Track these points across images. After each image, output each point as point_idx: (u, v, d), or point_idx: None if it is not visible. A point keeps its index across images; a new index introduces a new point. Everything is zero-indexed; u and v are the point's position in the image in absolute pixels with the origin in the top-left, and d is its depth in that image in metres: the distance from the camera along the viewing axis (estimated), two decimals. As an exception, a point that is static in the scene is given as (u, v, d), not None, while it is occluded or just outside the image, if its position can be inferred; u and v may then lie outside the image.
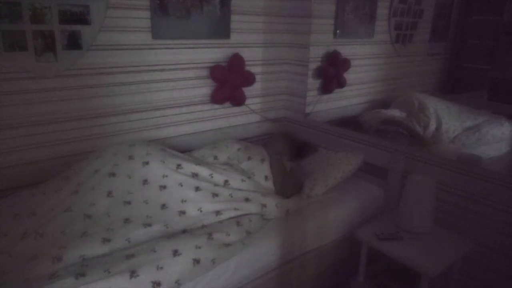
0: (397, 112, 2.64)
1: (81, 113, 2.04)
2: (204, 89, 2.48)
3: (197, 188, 1.88)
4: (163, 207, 1.77)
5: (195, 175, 1.94)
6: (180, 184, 1.87)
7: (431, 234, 1.91)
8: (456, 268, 1.93)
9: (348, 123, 2.69)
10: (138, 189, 1.81)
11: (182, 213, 1.77)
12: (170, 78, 2.31)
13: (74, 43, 1.92)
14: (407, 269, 1.78)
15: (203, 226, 1.76)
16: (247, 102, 2.69)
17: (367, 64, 2.85)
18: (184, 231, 1.71)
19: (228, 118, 2.67)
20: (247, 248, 1.71)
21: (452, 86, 2.50)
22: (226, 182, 1.98)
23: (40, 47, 1.83)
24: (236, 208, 1.87)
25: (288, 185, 2.13)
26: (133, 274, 1.40)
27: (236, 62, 2.48)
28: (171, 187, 1.85)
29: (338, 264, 2.15)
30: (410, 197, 1.90)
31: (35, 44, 1.82)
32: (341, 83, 2.84)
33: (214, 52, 2.45)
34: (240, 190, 1.98)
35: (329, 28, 2.75)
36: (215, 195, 1.89)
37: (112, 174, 1.83)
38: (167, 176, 1.87)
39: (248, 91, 2.66)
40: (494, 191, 1.89)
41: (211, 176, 1.97)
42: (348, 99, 2.91)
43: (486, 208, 1.93)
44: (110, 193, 1.77)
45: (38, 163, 1.97)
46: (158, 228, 1.66)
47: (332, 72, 2.80)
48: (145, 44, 2.15)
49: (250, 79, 2.59)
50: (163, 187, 1.84)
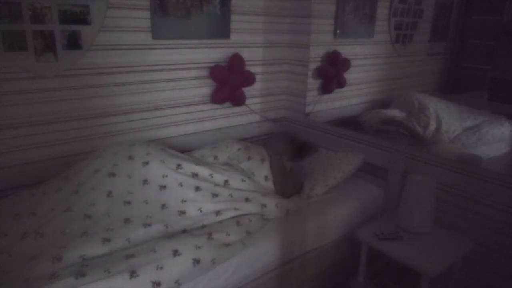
0: (397, 112, 2.64)
1: (81, 113, 2.04)
2: (204, 89, 2.48)
3: (197, 188, 1.88)
4: (163, 207, 1.77)
5: (195, 175, 1.94)
6: (180, 184, 1.87)
7: (431, 234, 1.91)
8: (456, 268, 1.93)
9: (348, 123, 2.69)
10: (138, 189, 1.81)
11: (182, 213, 1.77)
12: (170, 78, 2.31)
13: (74, 43, 1.92)
14: (407, 269, 1.78)
15: (203, 226, 1.76)
16: (247, 102, 2.69)
17: (367, 64, 2.85)
18: (184, 231, 1.71)
19: (228, 118, 2.67)
20: (247, 248, 1.71)
21: (452, 86, 2.50)
22: (226, 182, 1.98)
23: (40, 47, 1.83)
24: (236, 208, 1.87)
25: (288, 185, 2.13)
26: (133, 274, 1.40)
27: (236, 62, 2.48)
28: (171, 187, 1.85)
29: (338, 264, 2.15)
30: (410, 197, 1.90)
31: (35, 44, 1.82)
32: (341, 83, 2.84)
33: (214, 52, 2.45)
34: (240, 190, 1.98)
35: (329, 28, 2.75)
36: (215, 195, 1.89)
37: (112, 174, 1.83)
38: (167, 176, 1.87)
39: (248, 91, 2.66)
40: (494, 191, 1.89)
41: (211, 176, 1.97)
42: (348, 99, 2.91)
43: (486, 208, 1.93)
44: (110, 193, 1.77)
45: (38, 163, 1.97)
46: (158, 228, 1.66)
47: (332, 72, 2.80)
48: (145, 44, 2.15)
49: (250, 79, 2.59)
50: (163, 187, 1.84)
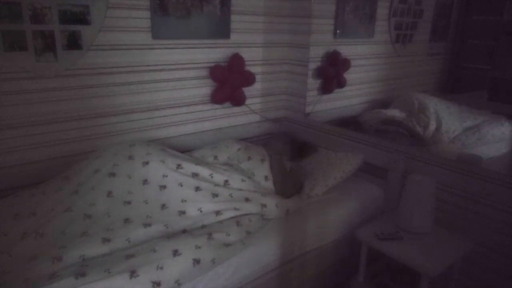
0: (397, 112, 2.64)
1: (81, 113, 2.04)
2: (204, 89, 2.48)
3: (197, 188, 1.88)
4: (163, 207, 1.77)
5: (195, 175, 1.94)
6: (180, 184, 1.87)
7: (431, 234, 1.91)
8: (456, 268, 1.93)
9: (348, 123, 2.69)
10: (138, 189, 1.81)
11: (182, 213, 1.77)
12: (170, 78, 2.31)
13: (74, 43, 1.92)
14: (407, 269, 1.78)
15: (203, 226, 1.76)
16: (247, 102, 2.69)
17: (367, 64, 2.85)
18: (184, 231, 1.71)
19: (228, 118, 2.67)
20: (247, 248, 1.70)
21: (452, 86, 2.50)
22: (226, 182, 1.98)
23: (40, 47, 1.83)
24: (236, 208, 1.87)
25: (288, 185, 2.13)
26: (133, 274, 1.40)
27: (236, 62, 2.48)
28: (171, 187, 1.85)
29: (338, 264, 2.15)
30: (410, 197, 1.90)
31: (35, 44, 1.82)
32: (341, 83, 2.84)
33: (214, 52, 2.45)
34: (240, 190, 1.98)
35: (329, 28, 2.75)
36: (215, 195, 1.89)
37: (112, 174, 1.83)
38: (167, 176, 1.87)
39: (248, 91, 2.66)
40: (494, 191, 1.89)
41: (211, 176, 1.97)
42: (348, 99, 2.91)
43: (486, 208, 1.93)
44: (110, 193, 1.77)
45: (38, 163, 1.97)
46: (158, 228, 1.66)
47: (332, 72, 2.80)
48: (145, 44, 2.15)
49: (250, 79, 2.59)
50: (163, 187, 1.84)
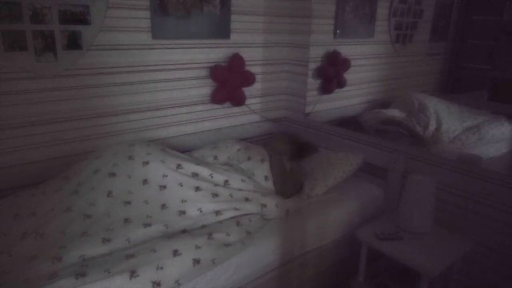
0: (397, 112, 2.64)
1: (81, 113, 2.04)
2: (204, 89, 2.48)
3: (197, 188, 1.88)
4: (163, 207, 1.77)
5: (195, 175, 1.94)
6: (180, 184, 1.87)
7: (431, 234, 1.91)
8: (456, 268, 1.93)
9: (348, 123, 2.69)
10: (138, 189, 1.81)
11: (182, 213, 1.77)
12: (170, 78, 2.31)
13: (74, 43, 1.92)
14: (407, 269, 1.78)
15: (203, 226, 1.76)
16: (247, 102, 2.69)
17: (367, 64, 2.85)
18: (184, 231, 1.71)
19: (228, 118, 2.67)
20: (247, 248, 1.70)
21: (452, 86, 2.50)
22: (226, 182, 1.98)
23: (40, 47, 1.83)
24: (236, 208, 1.87)
25: (288, 185, 2.13)
26: (133, 274, 1.40)
27: (236, 62, 2.48)
28: (171, 187, 1.85)
29: (338, 264, 2.15)
30: (410, 197, 1.90)
31: (35, 44, 1.82)
32: (341, 83, 2.84)
33: (214, 52, 2.45)
34: (240, 190, 1.98)
35: (329, 28, 2.75)
36: (215, 195, 1.89)
37: (112, 174, 1.83)
38: (167, 176, 1.87)
39: (248, 91, 2.66)
40: (494, 191, 1.89)
41: (211, 176, 1.97)
42: (348, 99, 2.91)
43: (486, 208, 1.93)
44: (110, 193, 1.77)
45: (38, 163, 1.97)
46: (158, 228, 1.66)
47: (332, 72, 2.80)
48: (145, 44, 2.15)
49: (250, 79, 2.59)
50: (163, 187, 1.84)
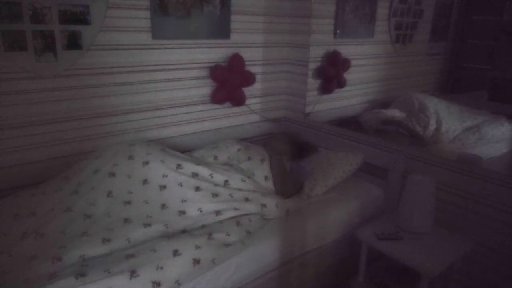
0: (397, 112, 2.64)
1: (81, 113, 2.04)
2: (204, 89, 2.48)
3: (197, 188, 1.88)
4: (163, 207, 1.77)
5: (195, 175, 1.94)
6: (180, 184, 1.87)
7: (431, 234, 1.91)
8: (456, 268, 1.93)
9: (348, 123, 2.69)
10: (138, 189, 1.81)
11: (182, 213, 1.77)
12: (170, 78, 2.31)
13: (74, 43, 1.92)
14: (407, 269, 1.78)
15: (203, 226, 1.76)
16: (247, 102, 2.69)
17: (367, 64, 2.85)
18: (184, 231, 1.71)
19: (228, 118, 2.67)
20: (247, 248, 1.71)
21: (452, 86, 2.50)
22: (226, 182, 1.98)
23: (40, 47, 1.83)
24: (236, 208, 1.87)
25: (288, 185, 2.13)
26: (133, 274, 1.40)
27: (236, 62, 2.48)
28: (171, 187, 1.85)
29: (338, 264, 2.14)
30: (410, 197, 1.90)
31: (35, 44, 1.82)
32: (341, 83, 2.84)
33: (214, 52, 2.45)
34: (240, 190, 1.98)
35: (329, 28, 2.75)
36: (215, 195, 1.89)
37: (112, 174, 1.83)
38: (167, 176, 1.87)
39: (248, 91, 2.66)
40: (494, 191, 1.89)
41: (211, 176, 1.97)
42: (348, 99, 2.91)
43: (486, 208, 1.93)
44: (110, 193, 1.77)
45: (38, 163, 1.97)
46: (158, 228, 1.66)
47: (332, 72, 2.80)
48: (145, 44, 2.15)
49: (250, 79, 2.59)
50: (163, 187, 1.84)
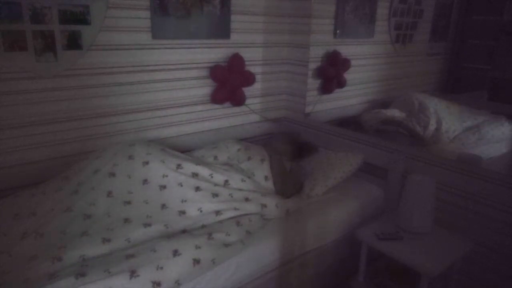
0: (397, 112, 2.64)
1: (81, 113, 2.04)
2: (204, 89, 2.48)
3: (197, 188, 1.88)
4: (163, 207, 1.77)
5: (195, 175, 1.94)
6: (180, 184, 1.87)
7: (431, 234, 1.91)
8: (456, 268, 1.93)
9: (348, 123, 2.69)
10: (138, 189, 1.81)
11: (182, 213, 1.77)
12: (170, 78, 2.31)
13: (74, 43, 1.92)
14: (407, 269, 1.78)
15: (203, 226, 1.76)
16: (247, 102, 2.69)
17: (367, 64, 2.85)
18: (184, 231, 1.71)
19: (228, 118, 2.67)
20: (247, 248, 1.71)
21: (452, 86, 2.50)
22: (226, 182, 1.98)
23: (40, 47, 1.83)
24: (236, 208, 1.87)
25: (288, 185, 2.13)
26: (133, 274, 1.40)
27: (236, 62, 2.48)
28: (171, 187, 1.85)
29: (338, 264, 2.14)
30: (410, 197, 1.90)
31: (35, 44, 1.82)
32: (341, 83, 2.84)
33: (214, 52, 2.45)
34: (240, 190, 1.98)
35: (329, 28, 2.75)
36: (215, 195, 1.89)
37: (112, 174, 1.83)
38: (167, 176, 1.87)
39: (248, 91, 2.66)
40: (494, 191, 1.89)
41: (211, 176, 1.97)
42: (348, 99, 2.91)
43: (486, 208, 1.93)
44: (110, 193, 1.77)
45: (38, 163, 1.97)
46: (158, 228, 1.66)
47: (332, 72, 2.80)
48: (145, 44, 2.15)
49: (250, 79, 2.59)
50: (163, 187, 1.84)
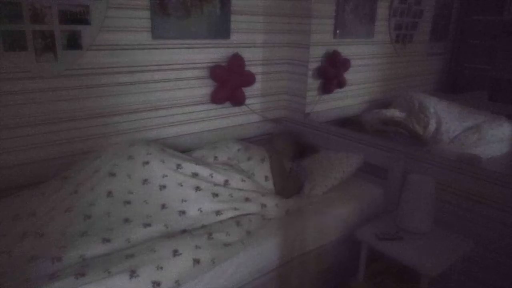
0: (397, 112, 2.64)
1: (81, 113, 2.04)
2: (204, 89, 2.48)
3: (197, 188, 1.88)
4: (163, 207, 1.78)
5: (195, 175, 1.94)
6: (180, 184, 1.87)
7: (431, 234, 1.91)
8: (456, 268, 1.93)
9: (348, 123, 2.69)
10: (138, 189, 1.81)
11: (182, 213, 1.77)
12: (170, 78, 2.31)
13: (74, 43, 1.92)
14: (407, 269, 1.78)
15: (203, 226, 1.76)
16: (247, 102, 2.69)
17: (367, 64, 2.85)
18: (184, 231, 1.71)
19: (228, 118, 2.67)
20: (247, 248, 1.71)
21: (452, 86, 2.50)
22: (226, 182, 1.98)
23: (40, 47, 1.83)
24: (236, 208, 1.87)
25: (288, 185, 2.13)
26: (133, 274, 1.40)
27: (236, 62, 2.48)
28: (171, 187, 1.85)
29: (338, 264, 2.14)
30: (410, 197, 1.90)
31: (35, 44, 1.82)
32: (341, 83, 2.84)
33: (214, 52, 2.45)
34: (240, 190, 1.98)
35: (329, 28, 2.75)
36: (215, 195, 1.89)
37: (112, 174, 1.83)
38: (167, 176, 1.87)
39: (248, 91, 2.66)
40: (494, 191, 1.89)
41: (211, 176, 1.97)
42: (348, 99, 2.91)
43: (486, 208, 1.93)
44: (110, 193, 1.77)
45: (38, 163, 1.97)
46: (158, 228, 1.66)
47: (332, 72, 2.80)
48: (145, 44, 2.15)
49: (250, 79, 2.59)
50: (163, 187, 1.84)
